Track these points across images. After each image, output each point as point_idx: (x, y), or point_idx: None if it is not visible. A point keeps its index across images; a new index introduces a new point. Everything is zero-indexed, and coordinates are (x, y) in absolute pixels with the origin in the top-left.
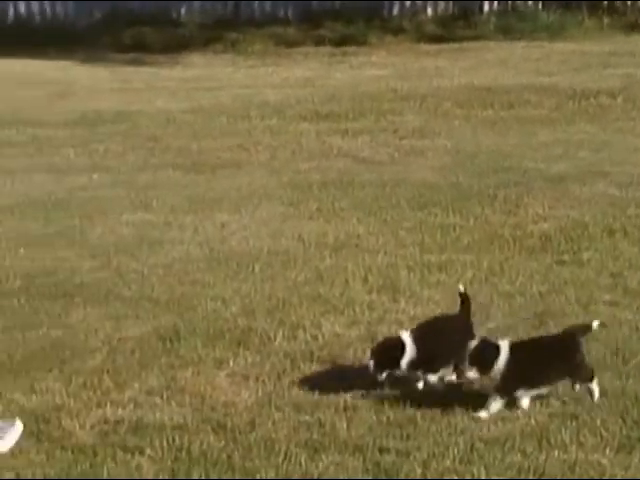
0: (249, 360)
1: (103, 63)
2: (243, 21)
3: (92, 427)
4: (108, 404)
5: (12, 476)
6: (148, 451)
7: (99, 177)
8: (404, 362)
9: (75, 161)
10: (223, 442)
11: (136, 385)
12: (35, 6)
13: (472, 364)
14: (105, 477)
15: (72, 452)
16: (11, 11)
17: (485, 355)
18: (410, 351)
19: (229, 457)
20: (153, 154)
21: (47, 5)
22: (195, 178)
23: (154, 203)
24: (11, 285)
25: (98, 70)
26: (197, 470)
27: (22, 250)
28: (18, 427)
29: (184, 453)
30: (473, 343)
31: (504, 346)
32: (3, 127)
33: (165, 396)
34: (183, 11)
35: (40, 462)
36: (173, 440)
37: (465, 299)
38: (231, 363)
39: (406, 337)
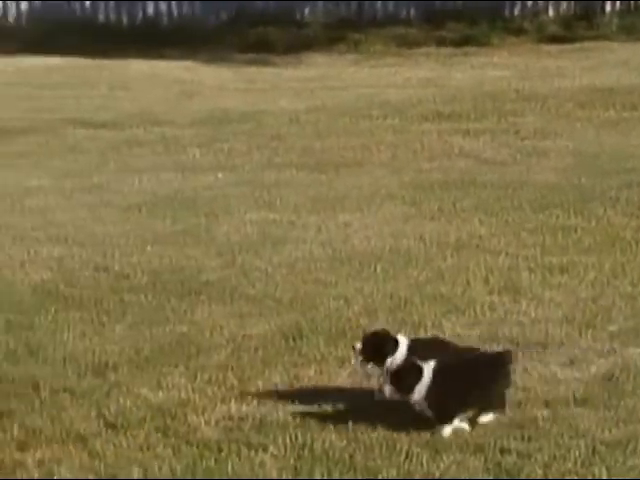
0: None
1: (227, 63)
2: (366, 22)
3: (217, 423)
4: (232, 400)
5: (139, 470)
6: (271, 448)
7: (224, 176)
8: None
9: (201, 160)
10: (345, 441)
11: (259, 382)
12: (163, 7)
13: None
14: (230, 473)
15: (197, 447)
16: (140, 13)
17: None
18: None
19: (351, 456)
20: (277, 153)
21: (174, 6)
22: (318, 177)
23: (278, 202)
24: (139, 281)
25: (222, 70)
26: (319, 469)
27: (149, 247)
28: None
29: (307, 451)
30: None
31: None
32: (132, 126)
33: (288, 394)
34: (307, 11)
35: (167, 457)
36: (296, 438)
37: None
38: (353, 362)
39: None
